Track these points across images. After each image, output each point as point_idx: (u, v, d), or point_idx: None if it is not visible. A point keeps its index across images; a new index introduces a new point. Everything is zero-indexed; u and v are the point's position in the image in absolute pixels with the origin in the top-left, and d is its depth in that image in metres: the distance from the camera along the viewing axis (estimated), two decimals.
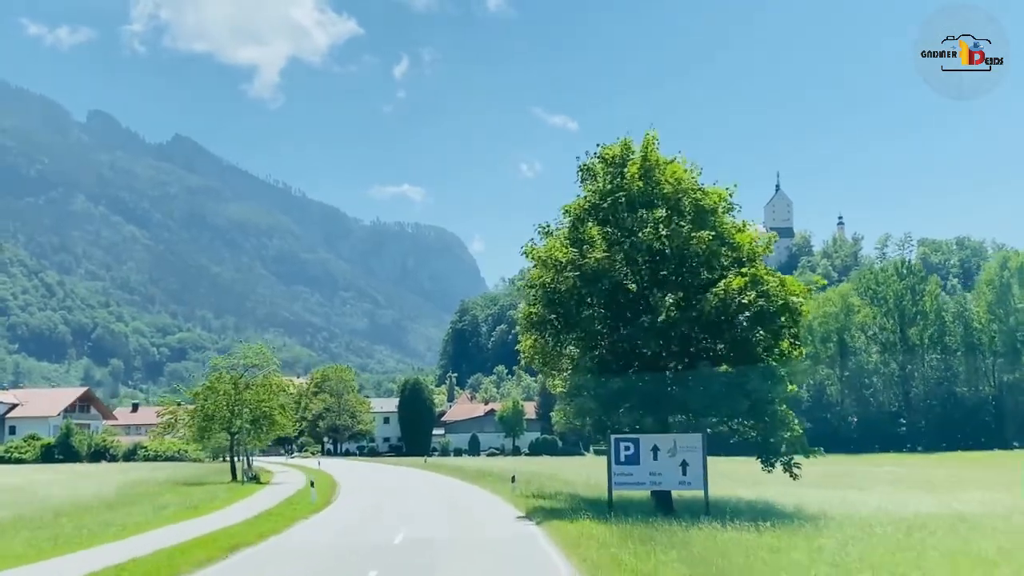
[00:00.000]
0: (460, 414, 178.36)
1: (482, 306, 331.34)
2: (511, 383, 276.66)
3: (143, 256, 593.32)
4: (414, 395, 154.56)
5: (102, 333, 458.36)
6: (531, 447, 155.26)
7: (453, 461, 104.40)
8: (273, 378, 69.04)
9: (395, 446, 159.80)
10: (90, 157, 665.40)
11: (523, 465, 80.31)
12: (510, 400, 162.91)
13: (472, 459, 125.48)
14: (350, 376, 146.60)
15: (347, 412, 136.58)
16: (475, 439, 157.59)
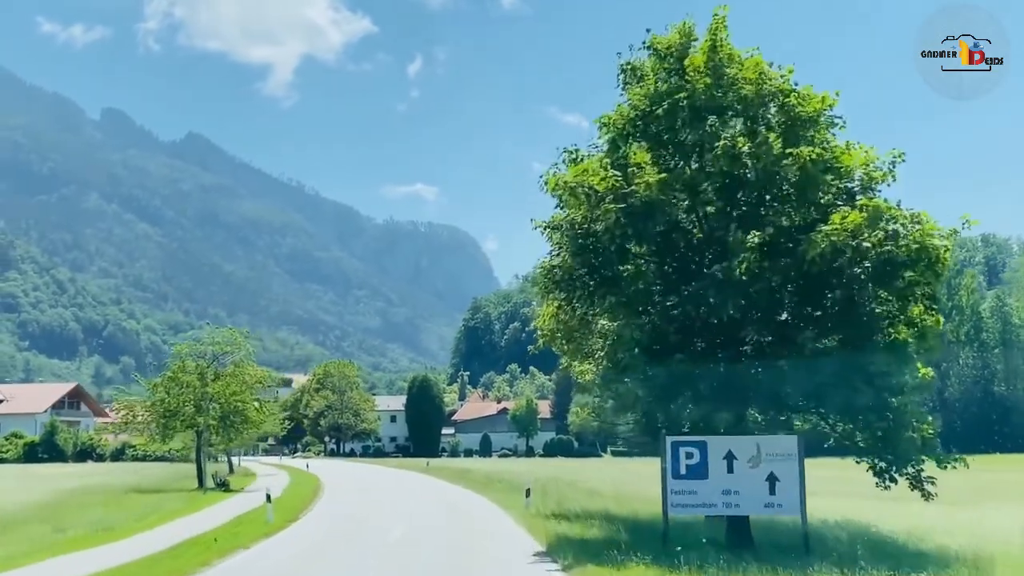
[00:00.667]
0: (471, 413, 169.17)
1: (495, 303, 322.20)
2: (524, 382, 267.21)
3: (156, 254, 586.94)
4: (422, 393, 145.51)
5: (113, 330, 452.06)
6: (546, 448, 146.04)
7: (460, 463, 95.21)
8: (247, 368, 58.87)
9: (402, 446, 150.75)
10: (103, 155, 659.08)
11: (538, 468, 71.48)
12: (523, 398, 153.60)
13: (482, 461, 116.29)
14: (353, 372, 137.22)
15: (350, 410, 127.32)
16: (486, 439, 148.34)
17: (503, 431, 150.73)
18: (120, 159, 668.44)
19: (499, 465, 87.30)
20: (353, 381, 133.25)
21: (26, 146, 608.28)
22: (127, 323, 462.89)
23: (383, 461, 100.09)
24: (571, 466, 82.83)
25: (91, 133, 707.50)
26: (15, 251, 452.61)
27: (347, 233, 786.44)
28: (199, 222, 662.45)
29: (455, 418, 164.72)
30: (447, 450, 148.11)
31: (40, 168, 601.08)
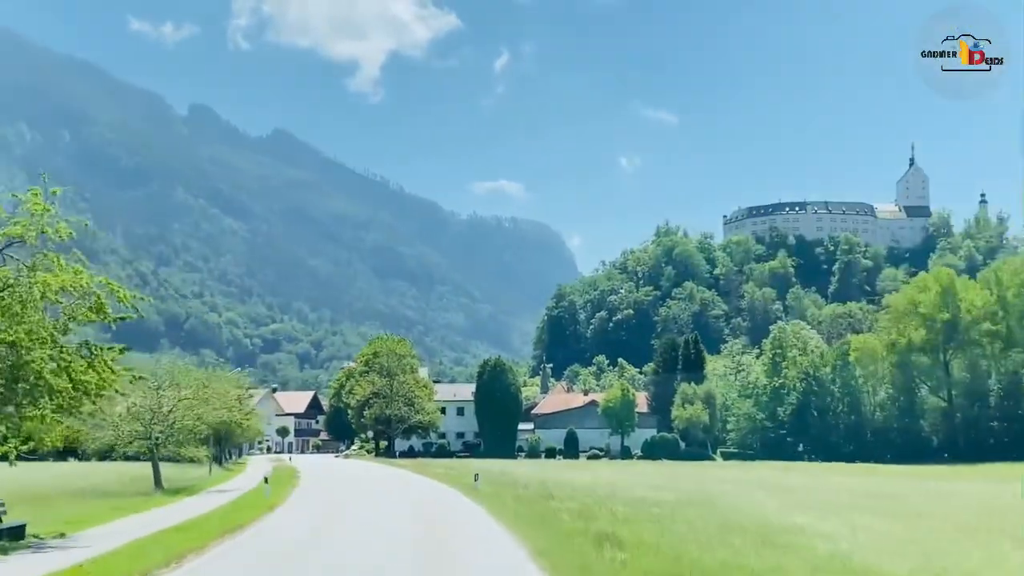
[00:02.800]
0: (553, 406, 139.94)
1: (580, 291, 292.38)
2: (612, 375, 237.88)
3: (241, 249, 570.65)
4: (495, 380, 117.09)
5: (195, 323, 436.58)
6: (645, 448, 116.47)
7: (539, 471, 66.32)
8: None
9: (470, 444, 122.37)
10: (191, 150, 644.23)
11: (647, 480, 44.06)
12: (617, 387, 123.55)
13: (566, 465, 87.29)
14: (405, 349, 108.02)
15: (401, 397, 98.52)
16: (572, 436, 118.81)
17: (592, 427, 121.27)
18: (208, 155, 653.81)
19: (592, 473, 58.87)
20: (407, 362, 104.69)
21: (115, 141, 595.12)
22: (209, 316, 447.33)
23: (428, 466, 70.59)
24: (693, 477, 53.80)
25: (179, 129, 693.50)
26: (97, 243, 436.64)
27: (431, 229, 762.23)
28: (284, 217, 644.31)
29: (535, 412, 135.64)
30: (524, 449, 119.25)
31: (128, 163, 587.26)
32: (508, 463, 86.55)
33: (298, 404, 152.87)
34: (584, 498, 32.91)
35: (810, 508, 30.56)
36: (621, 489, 39.40)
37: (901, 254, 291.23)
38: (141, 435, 44.06)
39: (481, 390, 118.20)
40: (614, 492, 37.39)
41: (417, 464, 68.31)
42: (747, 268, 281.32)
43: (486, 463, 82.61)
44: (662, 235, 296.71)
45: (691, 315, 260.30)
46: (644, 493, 37.21)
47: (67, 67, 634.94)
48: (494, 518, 27.31)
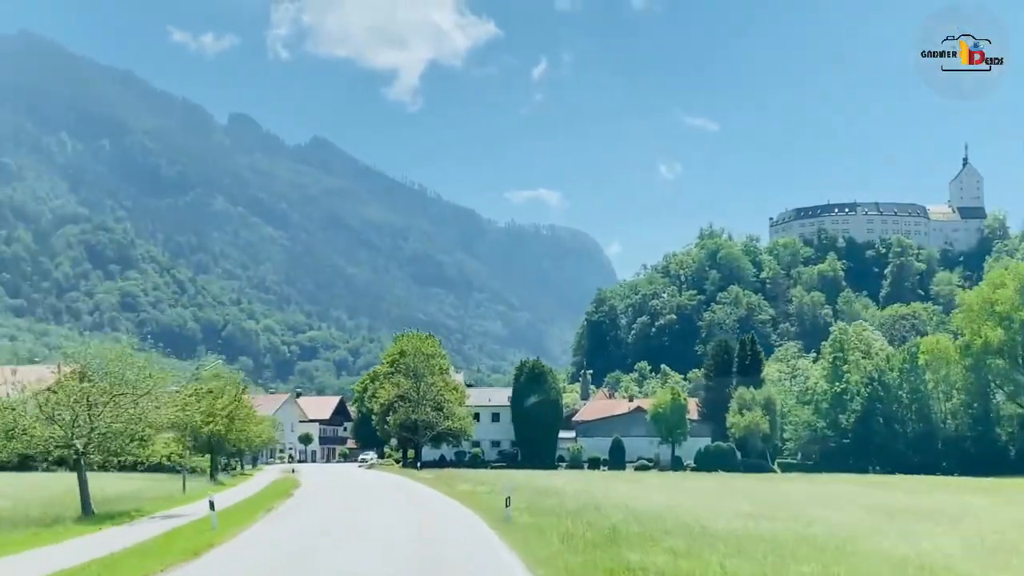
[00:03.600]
0: (595, 412, 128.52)
1: (621, 296, 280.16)
2: (655, 381, 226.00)
3: (280, 256, 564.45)
4: (533, 383, 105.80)
5: (232, 330, 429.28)
6: (699, 459, 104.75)
7: (583, 484, 55.11)
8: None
9: (506, 453, 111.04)
10: (230, 159, 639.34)
11: (727, 503, 36.00)
12: (667, 392, 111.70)
13: (614, 477, 75.97)
14: (434, 347, 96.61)
15: (429, 402, 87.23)
16: (618, 445, 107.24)
17: (639, 435, 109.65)
18: (247, 163, 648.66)
19: (650, 488, 47.76)
20: (436, 363, 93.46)
21: (155, 150, 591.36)
22: (246, 323, 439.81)
23: (454, 481, 58.67)
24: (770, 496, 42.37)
25: (219, 138, 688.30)
26: (136, 250, 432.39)
27: (469, 237, 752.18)
28: (323, 225, 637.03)
29: (576, 419, 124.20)
30: (566, 459, 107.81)
31: (168, 172, 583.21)
32: (548, 475, 75.40)
33: (323, 410, 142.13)
34: (666, 537, 21.65)
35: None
36: (705, 518, 28.07)
37: (955, 257, 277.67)
38: (61, 442, 33.26)
39: (518, 394, 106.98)
40: (699, 523, 26.02)
41: (442, 478, 57.20)
42: (795, 271, 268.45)
43: (523, 475, 71.47)
44: (705, 238, 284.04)
45: (737, 320, 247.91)
46: (739, 525, 25.92)
47: (108, 77, 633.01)
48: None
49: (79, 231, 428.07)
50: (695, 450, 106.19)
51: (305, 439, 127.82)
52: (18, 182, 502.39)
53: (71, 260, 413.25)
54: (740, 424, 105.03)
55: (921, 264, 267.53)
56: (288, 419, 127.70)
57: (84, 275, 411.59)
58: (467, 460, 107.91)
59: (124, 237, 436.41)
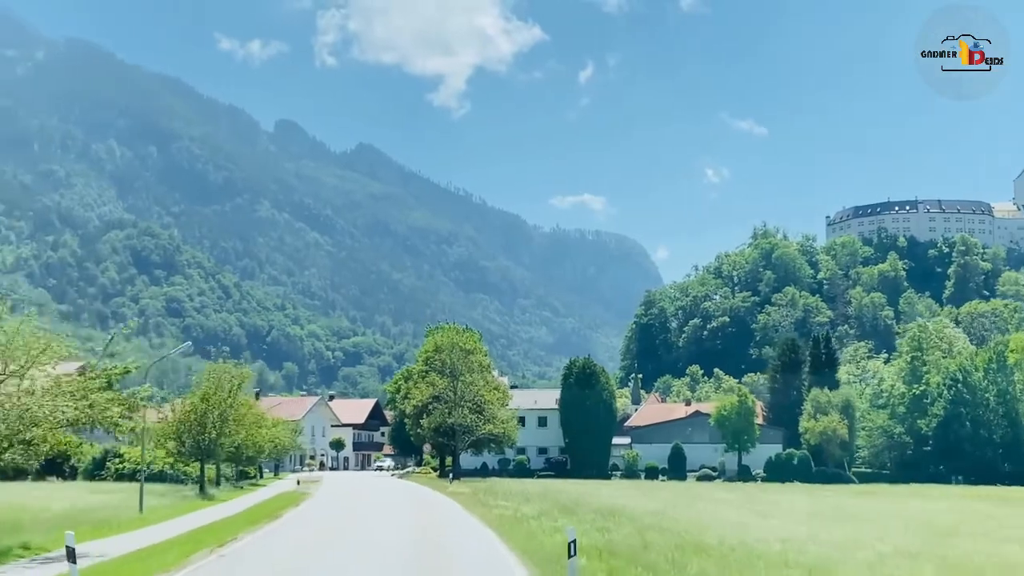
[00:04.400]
0: (651, 417, 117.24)
1: (671, 298, 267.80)
2: (708, 386, 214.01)
3: (325, 262, 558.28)
4: (584, 383, 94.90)
5: (277, 336, 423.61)
6: (768, 468, 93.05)
7: (650, 504, 44.18)
8: None
9: (555, 461, 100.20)
10: (276, 165, 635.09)
11: (837, 530, 26.80)
12: (733, 395, 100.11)
13: (682, 490, 65.09)
14: (473, 343, 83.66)
15: (467, 403, 76.40)
16: (678, 453, 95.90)
17: (701, 441, 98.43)
18: (293, 169, 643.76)
19: (736, 509, 37.41)
20: (475, 359, 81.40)
21: (202, 157, 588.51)
22: (291, 329, 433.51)
23: (492, 495, 46.96)
24: (947, 529, 31.23)
25: (265, 144, 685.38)
26: (181, 256, 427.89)
27: (514, 242, 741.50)
28: (368, 231, 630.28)
29: (629, 424, 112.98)
30: (620, 468, 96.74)
31: (215, 178, 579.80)
32: (604, 488, 64.53)
33: (358, 413, 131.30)
34: None
35: None
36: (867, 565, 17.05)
37: (1022, 256, 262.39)
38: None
39: (567, 396, 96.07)
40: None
41: (479, 492, 46.09)
42: (853, 272, 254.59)
43: (575, 488, 60.64)
44: (760, 237, 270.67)
45: (793, 322, 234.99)
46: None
47: (156, 85, 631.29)
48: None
49: (125, 236, 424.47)
50: (763, 458, 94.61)
51: (337, 445, 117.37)
52: (66, 188, 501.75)
53: (117, 266, 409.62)
54: (815, 429, 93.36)
55: (987, 264, 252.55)
56: (318, 423, 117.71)
57: (130, 280, 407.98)
58: (511, 468, 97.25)
59: (170, 242, 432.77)
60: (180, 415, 45.40)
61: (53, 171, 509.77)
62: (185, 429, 45.19)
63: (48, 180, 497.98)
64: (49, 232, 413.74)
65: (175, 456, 47.75)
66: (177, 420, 45.44)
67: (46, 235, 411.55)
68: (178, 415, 45.46)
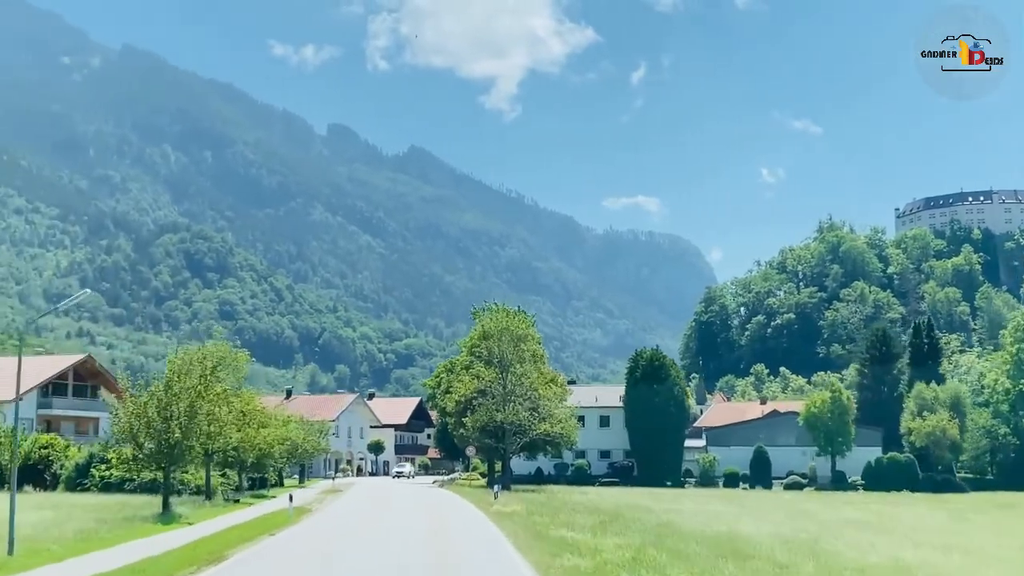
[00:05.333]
0: (723, 417, 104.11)
1: (733, 294, 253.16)
2: (774, 385, 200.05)
3: (378, 265, 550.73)
4: (653, 377, 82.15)
5: (329, 338, 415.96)
6: (867, 474, 79.34)
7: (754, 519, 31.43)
8: None
9: (619, 466, 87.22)
10: (329, 169, 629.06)
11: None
12: (824, 391, 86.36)
13: (780, 504, 52.27)
14: (526, 327, 69.73)
15: (519, 398, 63.71)
16: (761, 457, 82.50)
17: (787, 444, 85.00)
18: (345, 173, 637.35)
19: (889, 537, 24.70)
20: (528, 348, 67.79)
21: (256, 161, 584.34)
22: (343, 331, 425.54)
23: (552, 514, 34.14)
24: None
25: (318, 149, 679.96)
26: (234, 258, 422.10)
27: (567, 244, 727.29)
28: (420, 234, 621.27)
29: (699, 425, 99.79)
30: (694, 474, 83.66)
31: (269, 182, 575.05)
32: (684, 498, 51.98)
33: (400, 413, 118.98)
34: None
35: None
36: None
37: None
38: None
39: (633, 393, 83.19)
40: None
41: (533, 513, 33.19)
42: (925, 266, 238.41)
43: (651, 498, 48.08)
44: (825, 231, 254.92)
45: (863, 319, 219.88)
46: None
47: (211, 91, 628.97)
48: None
49: (178, 240, 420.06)
50: (859, 463, 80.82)
51: (375, 447, 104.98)
52: (121, 193, 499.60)
53: (170, 269, 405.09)
54: (921, 430, 79.61)
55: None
56: (355, 423, 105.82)
57: (183, 284, 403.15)
58: (569, 474, 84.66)
59: (223, 245, 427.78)
60: (134, 409, 33.71)
61: (109, 176, 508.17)
62: (141, 427, 33.52)
63: (104, 185, 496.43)
64: (103, 236, 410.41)
65: (130, 463, 36.20)
66: (130, 415, 33.75)
67: (100, 239, 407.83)
68: (131, 409, 33.78)
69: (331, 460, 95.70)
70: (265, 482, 63.78)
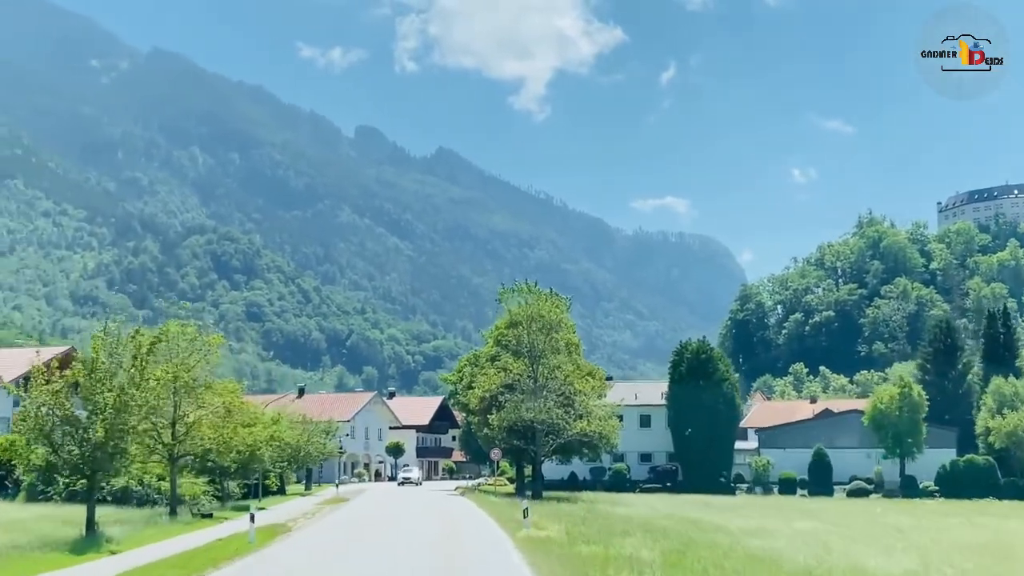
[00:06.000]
0: (772, 416, 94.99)
1: (770, 291, 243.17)
2: (814, 384, 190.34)
3: (406, 267, 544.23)
4: (700, 372, 73.36)
5: (356, 340, 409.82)
6: (942, 480, 70.05)
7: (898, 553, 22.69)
8: None
9: (662, 470, 78.20)
10: (357, 171, 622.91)
11: None
12: (893, 387, 76.96)
13: (855, 513, 43.25)
14: (560, 312, 60.01)
15: (552, 393, 54.76)
16: (822, 460, 73.16)
17: (849, 445, 75.79)
18: (373, 175, 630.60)
19: None
20: (562, 337, 58.48)
21: (284, 163, 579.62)
22: (371, 333, 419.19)
23: (604, 543, 26.00)
24: None
25: (346, 150, 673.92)
26: (261, 260, 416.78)
27: (596, 245, 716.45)
28: (448, 235, 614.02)
29: (744, 425, 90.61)
30: (746, 480, 74.69)
31: (296, 184, 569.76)
32: (747, 508, 43.29)
33: (422, 413, 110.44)
34: None
35: None
36: None
37: None
38: None
39: (678, 389, 74.46)
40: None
41: (576, 539, 24.36)
42: (970, 261, 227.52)
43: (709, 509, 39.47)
44: (865, 226, 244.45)
45: (905, 316, 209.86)
46: None
47: (238, 93, 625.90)
48: None
49: (205, 241, 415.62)
50: (931, 466, 71.54)
51: (394, 450, 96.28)
52: (149, 196, 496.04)
53: (197, 270, 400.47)
54: (1001, 429, 70.26)
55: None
56: (373, 424, 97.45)
57: (210, 285, 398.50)
58: (606, 480, 76.00)
59: (250, 247, 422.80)
60: (45, 398, 25.53)
61: (137, 178, 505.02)
62: (53, 425, 25.37)
63: (132, 187, 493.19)
64: (131, 238, 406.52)
65: (43, 469, 28.00)
66: (37, 407, 25.54)
67: (127, 241, 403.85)
68: (40, 398, 25.58)
69: (346, 464, 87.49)
70: (264, 490, 55.63)
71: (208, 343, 36.32)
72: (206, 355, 36.21)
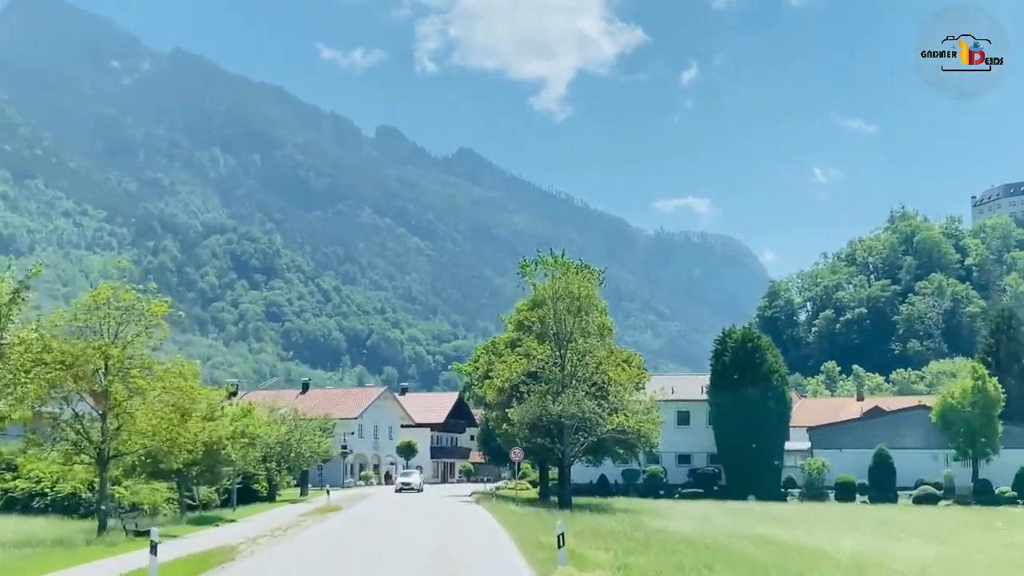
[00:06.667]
0: (818, 415, 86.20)
1: (799, 288, 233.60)
2: (848, 383, 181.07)
3: (426, 267, 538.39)
4: (746, 363, 64.84)
5: (376, 340, 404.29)
6: (1020, 484, 61.11)
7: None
8: None
9: (702, 474, 69.61)
10: (378, 171, 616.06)
11: None
12: (966, 380, 67.95)
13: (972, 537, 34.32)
14: (591, 288, 50.22)
15: (582, 382, 45.78)
16: (884, 462, 64.33)
17: (912, 445, 66.92)
18: (394, 175, 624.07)
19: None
20: (593, 319, 50.52)
21: (304, 164, 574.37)
22: (391, 332, 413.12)
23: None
24: None
25: (367, 151, 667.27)
26: (281, 260, 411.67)
27: (617, 246, 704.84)
28: (469, 236, 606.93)
29: (795, 424, 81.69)
30: (797, 484, 65.94)
31: (317, 184, 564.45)
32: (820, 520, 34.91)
33: (436, 411, 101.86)
34: None
35: None
36: None
37: None
38: None
39: (721, 383, 65.87)
40: None
41: (632, 566, 16.89)
42: (1008, 256, 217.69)
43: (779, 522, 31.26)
44: (897, 220, 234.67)
45: (941, 313, 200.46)
46: None
47: (260, 94, 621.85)
48: None
49: (225, 241, 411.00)
50: (1008, 469, 62.62)
51: (406, 450, 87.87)
52: (170, 196, 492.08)
53: (216, 270, 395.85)
54: None
55: None
56: (383, 422, 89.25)
57: (229, 285, 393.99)
58: (640, 484, 67.48)
59: (270, 247, 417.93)
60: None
61: (158, 179, 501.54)
62: None
63: (153, 187, 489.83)
64: (150, 238, 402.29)
65: None
66: None
67: (147, 241, 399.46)
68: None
69: (353, 465, 79.48)
70: (252, 495, 47.53)
71: (150, 314, 28.38)
72: (147, 328, 28.33)
